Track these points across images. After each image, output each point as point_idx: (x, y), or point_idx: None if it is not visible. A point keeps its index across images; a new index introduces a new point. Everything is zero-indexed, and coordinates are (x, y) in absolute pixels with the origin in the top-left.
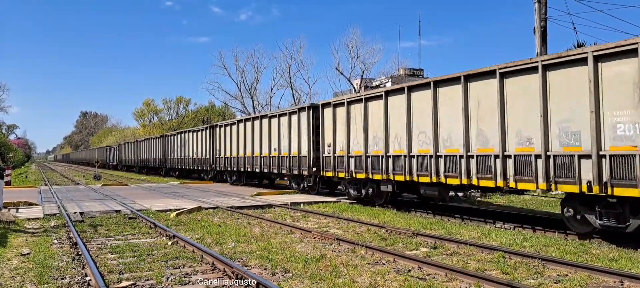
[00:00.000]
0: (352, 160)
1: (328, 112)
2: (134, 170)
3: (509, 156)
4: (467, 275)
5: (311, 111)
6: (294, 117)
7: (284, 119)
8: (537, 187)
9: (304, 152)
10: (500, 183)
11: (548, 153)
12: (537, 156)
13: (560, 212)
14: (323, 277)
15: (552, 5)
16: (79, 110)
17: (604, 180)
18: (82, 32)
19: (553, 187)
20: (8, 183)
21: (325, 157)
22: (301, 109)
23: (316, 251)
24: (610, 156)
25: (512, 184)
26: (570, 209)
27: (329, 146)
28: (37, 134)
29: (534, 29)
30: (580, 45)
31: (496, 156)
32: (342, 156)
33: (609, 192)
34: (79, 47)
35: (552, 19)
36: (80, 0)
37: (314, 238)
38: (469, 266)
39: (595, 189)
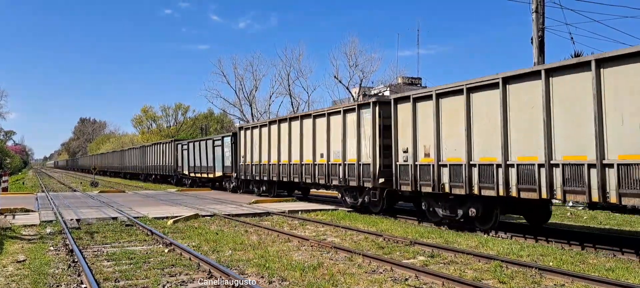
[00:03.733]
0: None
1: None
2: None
3: None
4: (464, 284)
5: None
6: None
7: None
8: None
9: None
10: None
11: None
12: None
13: (559, 221)
14: (320, 285)
15: (549, 16)
16: (76, 117)
17: None
18: (81, 38)
19: None
20: (5, 189)
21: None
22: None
23: (313, 259)
24: None
25: None
26: None
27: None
28: (35, 140)
29: (532, 39)
30: (577, 55)
31: None
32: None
33: None
34: (77, 53)
35: (550, 29)
36: (80, 7)
37: (312, 246)
38: (466, 275)
39: None
